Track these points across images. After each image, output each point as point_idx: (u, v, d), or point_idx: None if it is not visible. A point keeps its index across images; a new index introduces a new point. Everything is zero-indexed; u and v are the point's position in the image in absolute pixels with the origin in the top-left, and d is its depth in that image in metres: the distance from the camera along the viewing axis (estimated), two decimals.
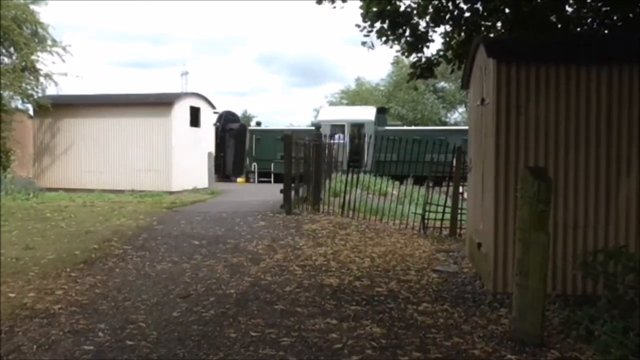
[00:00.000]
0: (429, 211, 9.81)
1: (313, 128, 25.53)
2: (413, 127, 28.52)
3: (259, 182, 22.79)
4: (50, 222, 9.91)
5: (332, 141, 17.97)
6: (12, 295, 5.29)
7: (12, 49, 16.18)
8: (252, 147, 24.10)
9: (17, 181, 15.41)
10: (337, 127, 23.22)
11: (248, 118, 43.57)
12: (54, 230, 9.13)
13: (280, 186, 11.77)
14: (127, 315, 4.74)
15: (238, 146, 23.64)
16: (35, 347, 4.02)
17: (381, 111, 25.41)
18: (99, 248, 7.61)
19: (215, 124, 22.88)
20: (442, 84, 41.00)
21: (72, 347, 4.02)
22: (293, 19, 75.52)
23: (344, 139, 22.00)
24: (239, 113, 27.37)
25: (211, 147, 19.02)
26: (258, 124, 27.75)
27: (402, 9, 8.63)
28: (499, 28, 8.64)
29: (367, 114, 24.46)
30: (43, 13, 17.05)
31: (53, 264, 6.65)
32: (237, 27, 77.55)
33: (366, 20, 8.66)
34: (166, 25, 74.58)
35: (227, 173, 23.36)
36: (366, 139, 20.26)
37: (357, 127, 23.47)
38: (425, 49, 8.90)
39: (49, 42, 16.76)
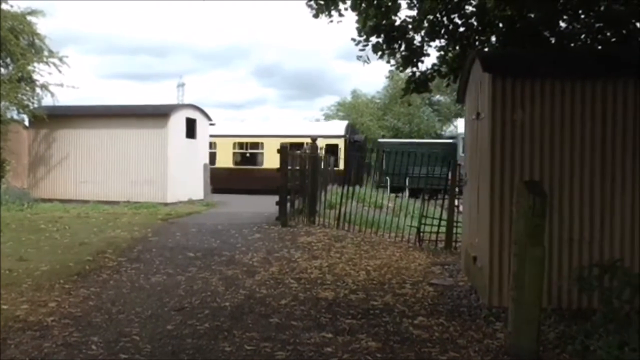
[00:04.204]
0: (425, 224, 9.81)
1: (443, 141, 24.52)
2: None
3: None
4: (45, 234, 9.86)
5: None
6: (5, 307, 5.24)
7: (8, 60, 16.18)
8: (382, 160, 22.81)
9: (11, 192, 15.34)
10: None
11: None
12: (48, 241, 9.07)
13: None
14: (121, 328, 4.70)
15: (361, 159, 23.19)
16: None
17: None
18: (93, 260, 7.56)
19: (344, 136, 22.65)
20: (438, 97, 41.22)
21: None
22: (290, 32, 75.99)
23: None
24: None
25: (207, 158, 18.93)
26: (383, 136, 27.00)
27: (397, 23, 8.69)
28: (493, 42, 8.71)
29: None
30: (40, 24, 17.00)
31: (47, 275, 6.61)
32: (234, 40, 77.95)
33: (362, 34, 8.71)
34: (163, 38, 74.93)
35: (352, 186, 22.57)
36: None
37: None
38: (420, 64, 8.95)
39: (46, 53, 16.78)
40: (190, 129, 17.80)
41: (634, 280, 3.93)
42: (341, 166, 21.79)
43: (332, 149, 22.27)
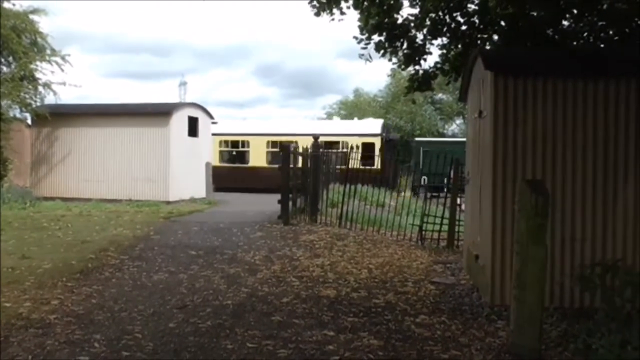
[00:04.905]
0: (427, 222, 9.81)
1: None
2: None
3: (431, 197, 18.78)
4: (47, 232, 9.88)
5: None
6: (7, 305, 5.26)
7: (10, 58, 16.21)
8: (420, 159, 22.35)
9: (14, 190, 15.36)
10: None
11: None
12: (51, 239, 9.09)
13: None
14: (123, 326, 4.71)
15: (396, 158, 22.57)
16: (30, 357, 3.99)
17: None
18: (95, 258, 7.58)
19: (380, 135, 22.40)
20: (440, 95, 41.17)
21: (67, 357, 4.00)
22: (291, 31, 75.91)
23: None
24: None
25: (209, 157, 18.92)
26: (419, 134, 26.56)
27: (399, 21, 8.68)
28: (495, 41, 8.70)
29: None
30: (42, 23, 17.02)
31: (49, 273, 6.62)
32: (235, 39, 77.86)
33: (364, 32, 8.71)
34: (165, 37, 74.80)
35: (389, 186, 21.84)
36: None
37: None
38: (422, 62, 8.95)
39: (48, 52, 16.79)
40: (193, 128, 17.80)
41: (635, 279, 3.93)
42: (377, 165, 20.65)
43: (368, 148, 21.84)
